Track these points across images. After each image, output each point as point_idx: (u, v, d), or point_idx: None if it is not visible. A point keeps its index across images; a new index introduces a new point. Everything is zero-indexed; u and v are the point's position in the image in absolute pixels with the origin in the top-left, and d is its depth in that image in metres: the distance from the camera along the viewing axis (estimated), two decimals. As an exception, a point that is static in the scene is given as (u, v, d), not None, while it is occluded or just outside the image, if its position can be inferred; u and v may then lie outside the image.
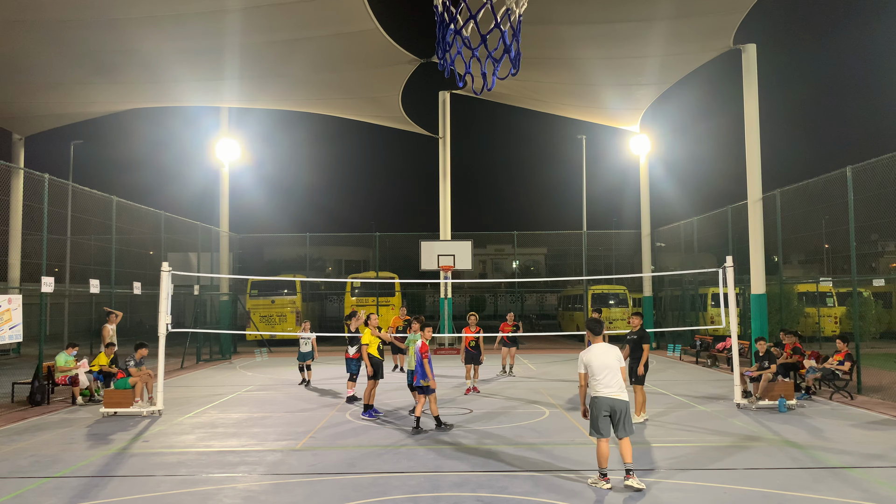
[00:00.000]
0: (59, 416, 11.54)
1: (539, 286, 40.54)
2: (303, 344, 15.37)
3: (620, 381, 7.13)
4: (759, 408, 11.50)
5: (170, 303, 11.53)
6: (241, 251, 28.52)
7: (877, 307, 23.83)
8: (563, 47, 17.44)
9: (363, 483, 7.22)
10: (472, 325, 14.57)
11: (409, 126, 24.71)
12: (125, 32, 14.67)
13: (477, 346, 14.20)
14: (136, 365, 11.97)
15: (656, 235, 26.35)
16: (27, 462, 8.28)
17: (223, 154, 23.58)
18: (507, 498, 6.64)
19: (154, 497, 6.80)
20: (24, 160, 22.45)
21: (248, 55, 16.49)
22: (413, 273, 25.29)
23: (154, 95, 20.05)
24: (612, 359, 7.19)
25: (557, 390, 14.05)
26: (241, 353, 24.02)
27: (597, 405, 7.03)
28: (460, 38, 6.42)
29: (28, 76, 17.28)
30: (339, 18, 15.04)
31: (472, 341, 14.10)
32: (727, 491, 6.83)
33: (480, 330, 14.65)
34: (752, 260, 17.05)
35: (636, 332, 10.86)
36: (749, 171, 17.16)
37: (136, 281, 17.70)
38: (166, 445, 9.18)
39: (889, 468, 7.71)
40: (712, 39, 16.81)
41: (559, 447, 8.81)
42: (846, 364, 12.51)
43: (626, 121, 24.72)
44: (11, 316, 12.28)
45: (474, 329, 14.41)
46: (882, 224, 13.67)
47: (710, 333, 20.35)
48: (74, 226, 20.02)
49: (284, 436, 9.70)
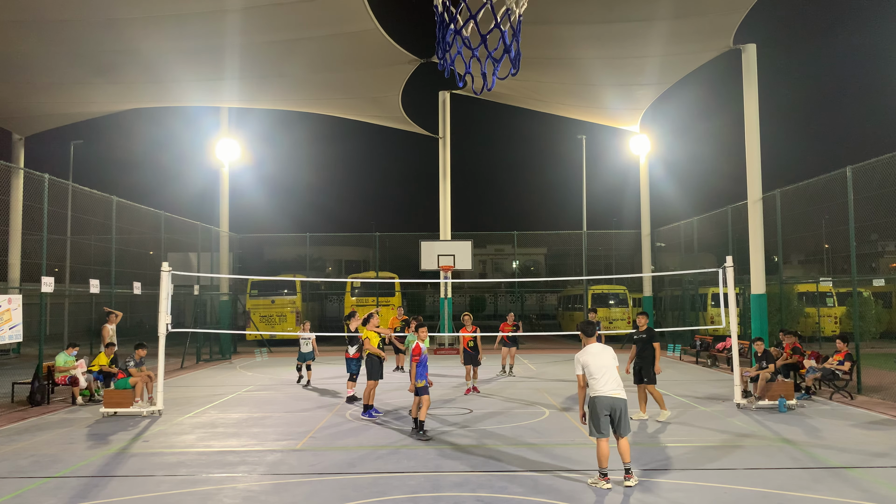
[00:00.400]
0: (59, 416, 11.54)
1: (539, 286, 40.52)
2: (303, 344, 15.42)
3: (619, 380, 7.18)
4: (759, 408, 11.50)
5: (170, 303, 11.53)
6: (241, 251, 28.52)
7: (877, 307, 23.82)
8: (563, 47, 17.44)
9: (363, 483, 7.22)
10: (467, 324, 14.47)
11: (409, 126, 24.72)
12: (125, 32, 14.67)
13: (475, 346, 14.11)
14: (136, 365, 11.97)
15: (656, 235, 26.35)
16: (27, 462, 8.28)
17: (223, 154, 23.58)
18: (507, 498, 6.64)
19: (154, 497, 6.80)
20: (24, 160, 22.44)
21: (248, 55, 16.49)
22: (413, 273, 25.28)
23: (154, 95, 20.06)
24: (609, 358, 7.24)
25: (557, 390, 14.05)
26: (241, 353, 24.01)
27: (597, 405, 7.04)
28: (460, 38, 6.42)
29: (28, 76, 17.28)
30: (338, 18, 15.04)
31: (469, 341, 14.04)
32: (727, 491, 6.83)
33: (477, 329, 14.53)
34: (752, 260, 17.05)
35: (644, 332, 10.86)
36: (749, 171, 17.16)
37: (136, 281, 17.70)
38: (166, 445, 9.18)
39: (889, 468, 7.71)
40: (712, 39, 16.81)
41: (559, 447, 8.81)
42: (846, 364, 12.51)
43: (626, 121, 24.72)
44: (11, 316, 12.28)
45: (470, 329, 14.32)
46: (882, 224, 13.68)
47: (710, 333, 20.36)
48: (74, 226, 20.03)
49: (284, 436, 9.70)
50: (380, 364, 11.47)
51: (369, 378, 11.28)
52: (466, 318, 14.75)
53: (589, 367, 7.17)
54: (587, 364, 7.19)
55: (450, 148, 25.27)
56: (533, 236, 36.56)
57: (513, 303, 33.73)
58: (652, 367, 10.65)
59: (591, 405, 7.12)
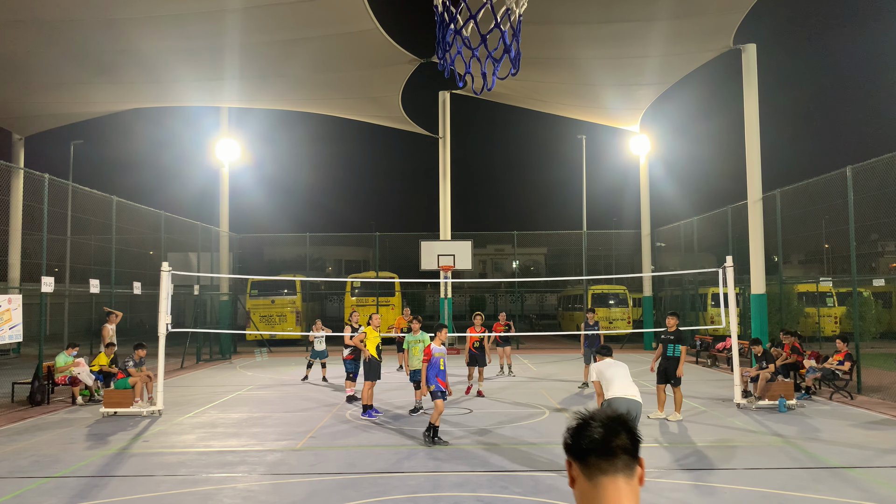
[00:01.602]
0: (59, 416, 11.54)
1: (539, 286, 40.52)
2: (317, 342, 15.85)
3: (635, 387, 7.41)
4: (759, 408, 11.50)
5: (170, 303, 11.53)
6: (241, 251, 28.51)
7: (877, 307, 23.81)
8: (563, 47, 17.43)
9: (363, 483, 7.22)
10: (476, 325, 14.12)
11: (409, 126, 24.70)
12: (125, 32, 14.66)
13: (481, 347, 13.83)
14: (136, 365, 11.97)
15: (656, 235, 26.34)
16: (27, 462, 8.28)
17: (223, 154, 23.58)
18: (507, 498, 6.64)
19: (154, 497, 6.80)
20: (24, 160, 22.43)
21: (248, 55, 16.48)
22: (413, 273, 25.27)
23: (154, 95, 20.05)
24: (623, 369, 7.62)
25: (557, 390, 14.05)
26: (241, 353, 24.01)
27: (615, 406, 7.09)
28: (460, 38, 6.42)
29: (28, 76, 17.27)
30: (339, 18, 15.03)
31: (476, 342, 13.77)
32: (727, 491, 6.83)
33: (486, 330, 14.32)
34: (752, 260, 17.05)
35: (672, 333, 10.86)
36: (749, 171, 17.15)
37: (136, 281, 17.70)
38: (166, 445, 9.18)
39: (889, 468, 7.70)
40: (712, 39, 16.81)
41: (559, 447, 8.79)
42: (846, 364, 12.51)
43: (626, 121, 24.72)
44: (11, 316, 12.28)
45: (479, 330, 14.06)
46: (882, 224, 13.67)
47: (710, 333, 20.36)
48: (74, 226, 20.02)
49: (284, 436, 9.70)
50: (378, 365, 11.47)
51: (366, 379, 11.28)
52: (478, 319, 14.30)
53: (604, 374, 7.48)
54: (602, 371, 7.53)
55: (450, 148, 25.26)
56: (533, 236, 36.56)
57: (513, 303, 33.73)
58: (676, 368, 10.68)
59: (607, 406, 7.16)
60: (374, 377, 11.31)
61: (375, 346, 11.55)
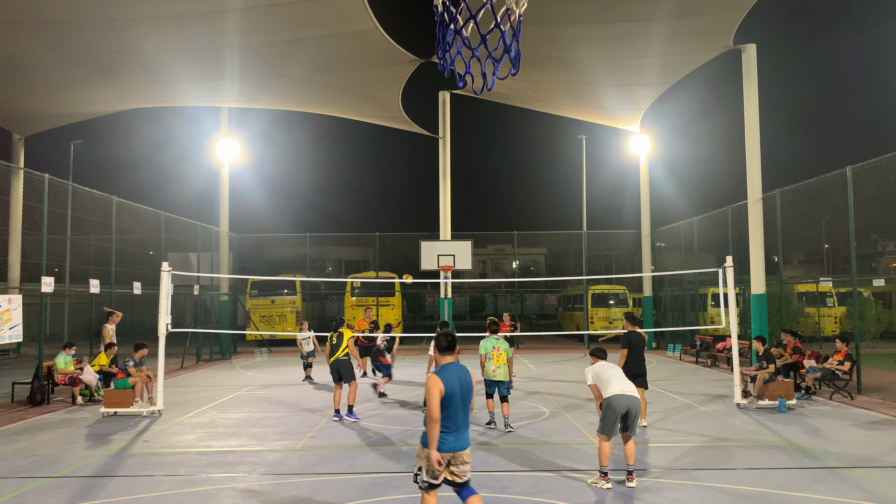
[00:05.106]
0: (59, 416, 11.54)
1: (539, 286, 40.53)
2: (304, 344, 16.05)
3: (632, 385, 7.36)
4: (759, 408, 11.50)
5: (170, 303, 11.53)
6: (241, 251, 28.51)
7: (877, 307, 23.81)
8: (563, 47, 17.43)
9: (363, 483, 7.22)
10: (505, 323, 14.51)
11: (409, 126, 24.69)
12: (125, 32, 14.66)
13: None
14: (136, 365, 11.96)
15: (656, 235, 26.34)
16: (27, 462, 8.28)
17: (223, 154, 23.58)
18: (507, 498, 6.64)
19: (154, 497, 6.80)
20: (24, 160, 22.43)
21: (248, 55, 16.48)
22: (413, 273, 25.27)
23: (154, 95, 20.04)
24: (618, 368, 7.61)
25: (557, 390, 14.05)
26: (241, 353, 24.02)
27: (615, 403, 7.06)
28: (460, 38, 6.41)
29: (28, 76, 17.27)
30: (339, 18, 15.03)
31: None
32: (727, 491, 6.83)
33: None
34: (752, 260, 17.05)
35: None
36: (749, 171, 17.15)
37: (136, 281, 17.70)
38: (166, 445, 9.18)
39: (889, 468, 7.70)
40: (712, 39, 16.81)
41: (559, 447, 8.81)
42: (846, 364, 12.51)
43: (626, 121, 24.72)
44: (11, 316, 12.28)
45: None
46: (882, 224, 13.66)
47: (710, 333, 20.35)
48: (74, 226, 20.03)
49: (284, 436, 9.70)
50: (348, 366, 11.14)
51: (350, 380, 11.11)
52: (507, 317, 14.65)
53: (600, 375, 7.42)
54: (598, 373, 7.47)
55: (450, 148, 25.25)
56: (533, 236, 36.57)
57: (513, 303, 33.75)
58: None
59: (607, 404, 7.14)
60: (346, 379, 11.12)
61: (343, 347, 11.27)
